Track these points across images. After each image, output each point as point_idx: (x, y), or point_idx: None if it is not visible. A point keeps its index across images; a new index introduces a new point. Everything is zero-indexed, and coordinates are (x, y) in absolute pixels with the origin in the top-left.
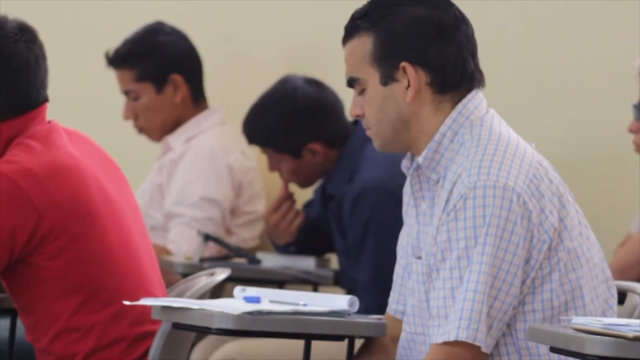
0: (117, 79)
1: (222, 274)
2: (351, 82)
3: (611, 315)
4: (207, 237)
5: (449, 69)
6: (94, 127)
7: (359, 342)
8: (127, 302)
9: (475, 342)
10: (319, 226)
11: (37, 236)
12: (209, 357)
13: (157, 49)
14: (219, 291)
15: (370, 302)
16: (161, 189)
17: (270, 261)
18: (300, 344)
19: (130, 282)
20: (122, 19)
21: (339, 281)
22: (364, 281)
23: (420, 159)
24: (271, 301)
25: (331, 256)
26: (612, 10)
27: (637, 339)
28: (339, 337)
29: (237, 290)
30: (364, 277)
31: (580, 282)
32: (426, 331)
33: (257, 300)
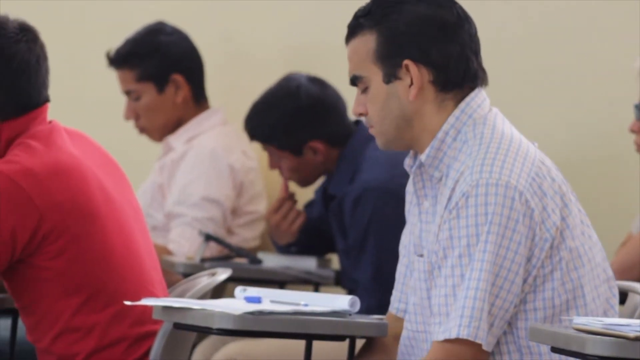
0: (118, 79)
1: (223, 274)
2: (354, 80)
3: (613, 315)
4: (208, 237)
5: (452, 67)
6: (95, 127)
7: (360, 342)
8: (128, 302)
9: (476, 340)
10: (320, 226)
11: (38, 236)
12: (210, 357)
13: (158, 49)
14: (220, 291)
15: (371, 302)
16: (162, 189)
17: (271, 261)
18: (301, 344)
19: (131, 282)
20: (123, 19)
21: (340, 281)
22: (365, 281)
23: (423, 157)
24: (272, 301)
25: (332, 256)
26: (612, 10)
27: (638, 339)
28: (340, 337)
29: (238, 290)
30: (365, 277)
31: (581, 282)
32: (428, 329)
33: (258, 300)
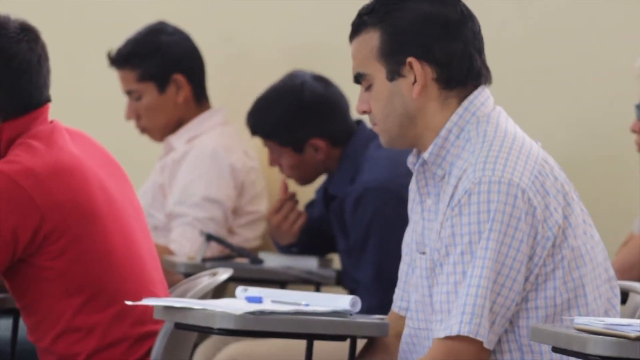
0: (120, 79)
1: (224, 274)
2: (358, 78)
3: (614, 315)
4: (209, 237)
5: (455, 64)
6: (96, 127)
7: (361, 342)
8: (129, 302)
9: (477, 337)
10: (321, 226)
11: (39, 236)
12: (212, 357)
13: (159, 49)
14: (221, 291)
15: (372, 302)
16: (163, 189)
17: (272, 261)
18: (302, 344)
19: (132, 282)
20: (123, 19)
21: (341, 281)
22: (366, 281)
23: (426, 155)
24: (273, 301)
25: (333, 256)
26: (612, 10)
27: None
28: (341, 337)
29: (239, 290)
30: (366, 277)
31: (583, 281)
32: (429, 326)
33: (259, 300)
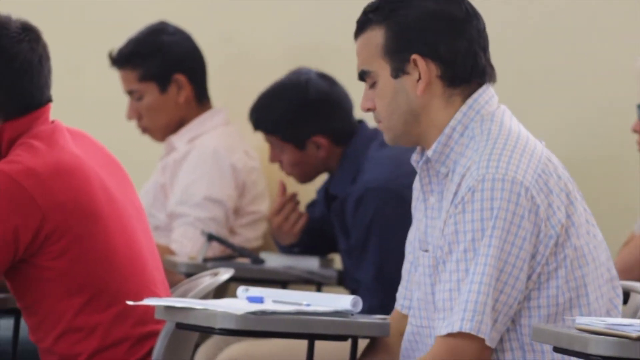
0: (121, 79)
1: (225, 274)
2: (362, 76)
3: (616, 315)
4: (210, 237)
5: (460, 62)
6: (97, 127)
7: (362, 342)
8: (130, 302)
9: (479, 334)
10: (322, 226)
11: (41, 236)
12: (213, 358)
13: (160, 49)
14: (222, 291)
15: (373, 302)
16: (164, 189)
17: (273, 261)
18: (304, 344)
19: (133, 282)
20: (123, 19)
21: (342, 281)
22: (367, 281)
23: (430, 153)
24: (274, 301)
25: (335, 256)
26: (612, 10)
27: None
28: (342, 337)
29: (241, 290)
30: (367, 277)
31: (585, 280)
32: (432, 324)
33: (260, 300)
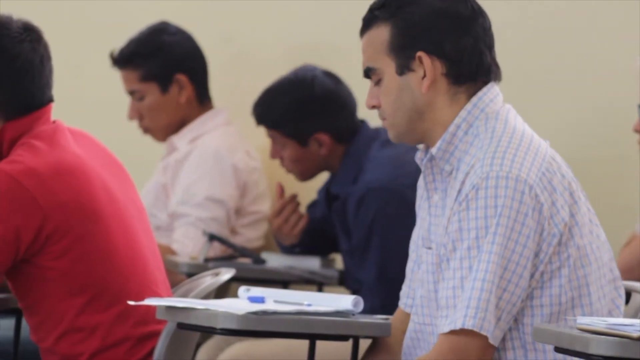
0: (122, 79)
1: (226, 274)
2: (367, 73)
3: (617, 315)
4: (211, 237)
5: (465, 60)
6: (99, 127)
7: (363, 342)
8: (131, 302)
9: (481, 331)
10: (323, 227)
11: (42, 236)
12: (214, 358)
13: (161, 49)
14: (223, 291)
15: (374, 302)
16: (166, 189)
17: (275, 261)
18: (305, 344)
19: (135, 282)
20: (123, 19)
21: (343, 281)
22: (369, 281)
23: (434, 150)
24: (276, 301)
25: (336, 256)
26: (612, 10)
27: None
28: (343, 337)
29: (242, 290)
30: (369, 278)
31: (587, 280)
32: (434, 322)
33: (261, 300)
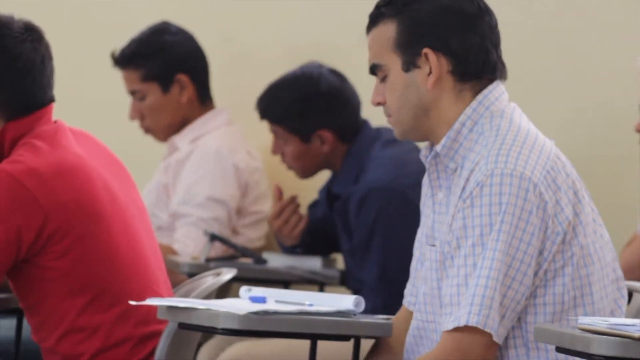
0: (123, 79)
1: (228, 274)
2: (373, 69)
3: (619, 315)
4: (213, 237)
5: (471, 57)
6: (100, 127)
7: (364, 342)
8: (133, 302)
9: (485, 329)
10: (324, 227)
11: (43, 236)
12: (215, 357)
13: (163, 49)
14: (225, 291)
15: (376, 302)
16: (167, 189)
17: (276, 261)
18: (306, 344)
19: (136, 282)
20: (124, 19)
21: (345, 281)
22: (370, 281)
23: (438, 147)
24: (277, 301)
25: (337, 256)
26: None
27: None
28: (344, 337)
29: (243, 290)
30: (370, 277)
31: (590, 280)
32: (437, 319)
33: (263, 300)
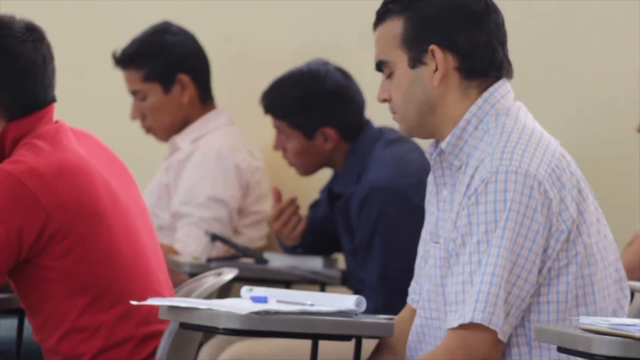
0: (125, 79)
1: (229, 274)
2: (379, 66)
3: (622, 315)
4: (214, 237)
5: (478, 55)
6: (101, 127)
7: (366, 342)
8: (134, 302)
9: (490, 326)
10: (325, 227)
11: (45, 236)
12: (216, 357)
13: (164, 49)
14: (226, 291)
15: (377, 302)
16: (168, 189)
17: (277, 261)
18: (307, 344)
19: (137, 282)
20: (124, 19)
21: (346, 281)
22: (372, 281)
23: (443, 144)
24: (278, 301)
25: (338, 256)
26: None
27: None
28: (346, 337)
29: (245, 290)
30: (372, 277)
31: (592, 279)
32: (441, 316)
33: (264, 300)
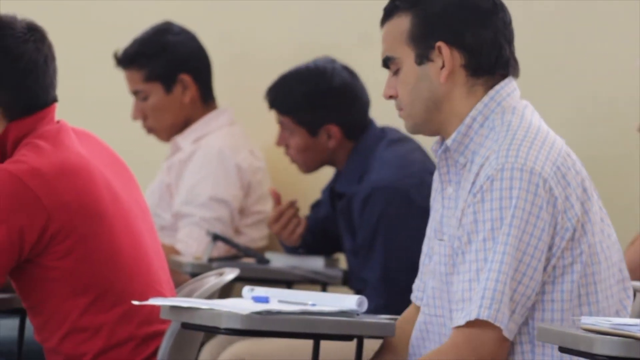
0: (126, 79)
1: (230, 274)
2: (386, 62)
3: (625, 315)
4: (215, 237)
5: (485, 52)
6: (102, 127)
7: (367, 342)
8: (135, 302)
9: (496, 323)
10: (326, 226)
11: (46, 236)
12: (217, 357)
13: (165, 49)
14: (227, 291)
15: (379, 302)
16: (170, 189)
17: (278, 261)
18: (309, 344)
19: (139, 282)
20: (124, 19)
21: (347, 281)
22: (373, 281)
23: (449, 142)
24: (280, 301)
25: (340, 256)
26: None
27: None
28: (347, 337)
29: (246, 290)
30: (373, 277)
31: (595, 279)
32: (445, 314)
33: (265, 300)
